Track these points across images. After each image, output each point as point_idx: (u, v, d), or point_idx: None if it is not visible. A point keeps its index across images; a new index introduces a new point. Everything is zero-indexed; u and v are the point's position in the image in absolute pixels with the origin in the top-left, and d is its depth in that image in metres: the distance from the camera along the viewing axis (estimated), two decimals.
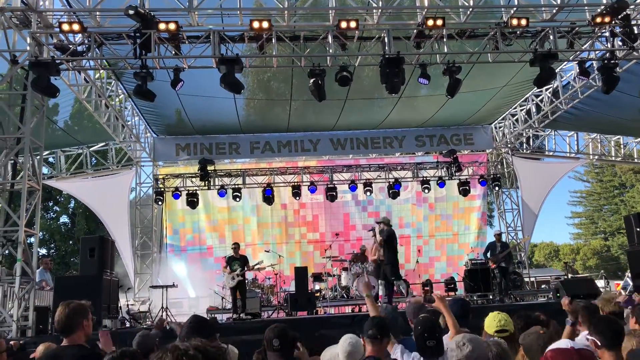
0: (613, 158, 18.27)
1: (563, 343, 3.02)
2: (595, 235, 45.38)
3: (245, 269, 11.12)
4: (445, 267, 16.76)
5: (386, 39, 9.29)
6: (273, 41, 9.18)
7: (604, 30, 9.78)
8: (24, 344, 7.05)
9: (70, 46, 9.01)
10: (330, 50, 9.44)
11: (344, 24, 8.86)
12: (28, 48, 8.76)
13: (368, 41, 9.85)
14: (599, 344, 3.11)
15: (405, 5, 9.81)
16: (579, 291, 9.79)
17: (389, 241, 10.35)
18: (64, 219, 30.26)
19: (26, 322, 8.20)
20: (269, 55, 9.54)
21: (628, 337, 3.00)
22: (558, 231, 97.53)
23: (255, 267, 11.78)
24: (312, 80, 9.46)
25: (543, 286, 21.44)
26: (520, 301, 12.21)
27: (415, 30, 9.45)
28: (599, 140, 17.59)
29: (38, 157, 9.22)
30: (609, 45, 9.86)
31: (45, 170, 14.22)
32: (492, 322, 3.74)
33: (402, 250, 15.93)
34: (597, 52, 10.64)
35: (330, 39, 9.33)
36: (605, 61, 9.95)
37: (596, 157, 18.08)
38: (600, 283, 15.69)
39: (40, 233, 9.67)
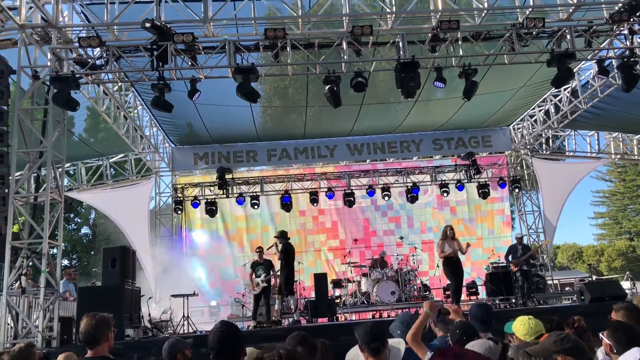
0: (636, 156, 17.94)
1: (637, 354, 2.93)
2: (620, 236, 44.56)
3: (271, 273, 10.93)
4: (469, 272, 16.50)
5: (400, 44, 9.26)
6: (288, 49, 9.23)
7: (622, 28, 9.63)
8: (47, 354, 7.17)
9: (89, 60, 9.17)
10: (345, 57, 9.45)
11: (358, 30, 8.88)
12: (49, 63, 8.95)
13: (382, 46, 9.85)
14: (614, 350, 3.06)
15: (418, 10, 9.78)
16: (604, 294, 9.60)
17: (286, 255, 10.28)
18: (85, 230, 30.74)
19: (51, 332, 8.31)
20: (284, 64, 9.59)
21: None
22: (581, 232, 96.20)
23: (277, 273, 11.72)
24: (327, 87, 9.47)
25: (567, 288, 21.12)
26: (543, 304, 12.02)
27: (429, 34, 9.43)
28: (620, 139, 17.31)
29: (60, 169, 9.39)
30: (628, 43, 9.69)
31: (65, 182, 14.45)
32: (529, 329, 3.57)
33: (425, 257, 15.84)
34: (615, 50, 10.48)
35: (344, 45, 9.34)
36: (625, 59, 9.79)
37: (618, 156, 17.79)
38: (625, 285, 15.35)
39: (63, 244, 9.84)
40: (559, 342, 2.80)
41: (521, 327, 3.60)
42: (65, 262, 28.61)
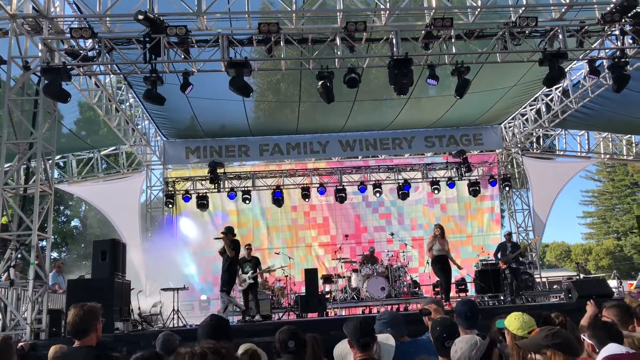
0: (625, 157, 18.11)
1: (615, 348, 2.96)
2: (608, 235, 45.01)
3: (258, 270, 11.05)
4: (458, 270, 16.59)
5: (394, 40, 9.28)
6: (281, 44, 9.21)
7: (613, 29, 9.70)
8: (34, 345, 7.16)
9: (81, 52, 9.10)
10: (339, 53, 9.45)
11: (351, 26, 8.88)
12: (40, 54, 8.86)
13: (376, 43, 9.85)
14: (596, 349, 3.08)
15: (412, 7, 9.79)
16: (591, 292, 9.70)
17: (236, 252, 10.22)
18: (75, 222, 30.55)
19: (40, 325, 8.27)
20: (278, 58, 9.57)
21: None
22: (570, 231, 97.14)
23: (265, 271, 11.78)
24: (320, 83, 9.48)
25: (555, 286, 21.25)
26: (531, 302, 12.13)
27: (423, 31, 9.45)
28: (610, 139, 17.45)
29: (50, 161, 9.32)
30: (619, 43, 9.77)
31: (56, 174, 14.34)
32: (522, 323, 3.55)
33: (415, 253, 15.91)
34: (607, 50, 10.56)
35: (338, 41, 9.34)
36: (616, 60, 9.88)
37: (607, 156, 17.92)
38: (612, 283, 15.50)
39: (52, 236, 9.70)
40: (550, 337, 2.81)
41: (515, 321, 3.58)
42: (55, 254, 28.45)
